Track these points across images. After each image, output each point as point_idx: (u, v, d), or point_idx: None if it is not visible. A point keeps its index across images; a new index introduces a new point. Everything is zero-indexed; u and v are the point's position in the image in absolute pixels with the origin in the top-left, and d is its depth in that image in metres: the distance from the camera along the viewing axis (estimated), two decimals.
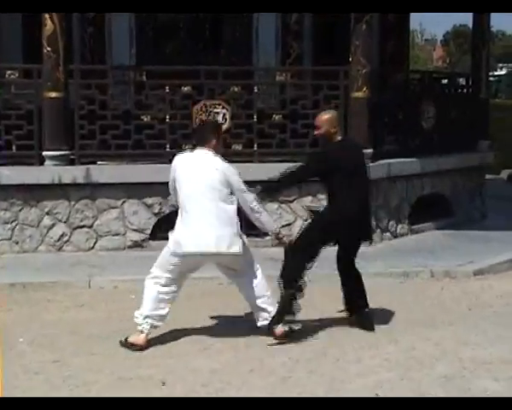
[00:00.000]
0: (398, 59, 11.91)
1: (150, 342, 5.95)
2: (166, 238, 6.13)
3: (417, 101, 10.73)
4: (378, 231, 9.84)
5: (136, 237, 9.20)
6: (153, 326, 5.96)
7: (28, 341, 6.11)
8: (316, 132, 6.39)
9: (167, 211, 9.15)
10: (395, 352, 5.85)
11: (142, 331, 5.92)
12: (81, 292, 7.62)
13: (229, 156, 9.46)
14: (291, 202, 9.50)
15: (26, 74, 9.45)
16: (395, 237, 10.16)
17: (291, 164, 9.49)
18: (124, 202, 9.21)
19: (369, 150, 9.56)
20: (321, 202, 9.43)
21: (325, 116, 6.30)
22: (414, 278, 8.27)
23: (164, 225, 6.37)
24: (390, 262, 8.71)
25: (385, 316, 6.78)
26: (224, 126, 9.42)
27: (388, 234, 10.07)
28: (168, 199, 9.15)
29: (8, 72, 9.28)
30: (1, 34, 10.68)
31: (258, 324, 6.09)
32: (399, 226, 10.28)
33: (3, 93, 9.36)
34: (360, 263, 8.55)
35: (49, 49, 8.98)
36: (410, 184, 10.44)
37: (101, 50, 11.26)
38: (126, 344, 5.88)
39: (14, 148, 9.29)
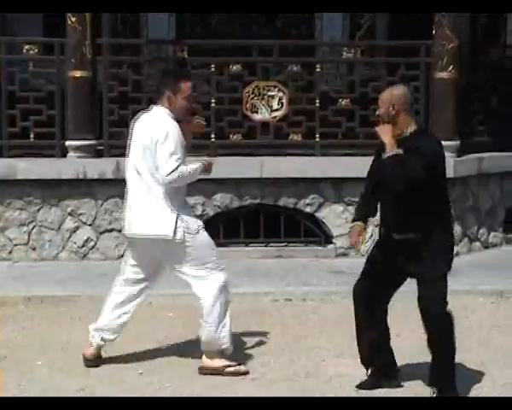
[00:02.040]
0: (493, 31, 11.78)
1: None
2: None
3: None
4: (466, 240, 9.75)
5: None
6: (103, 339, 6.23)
7: (48, 364, 6.20)
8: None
9: (212, 212, 9.22)
10: (491, 388, 5.78)
11: (91, 344, 6.21)
12: None
13: (286, 148, 9.68)
14: None
15: (47, 50, 9.60)
16: (486, 247, 10.06)
17: (360, 158, 9.59)
18: None
19: (456, 142, 9.50)
20: None
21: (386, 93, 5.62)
22: (510, 298, 8.17)
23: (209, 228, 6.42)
24: (480, 278, 8.62)
25: (472, 343, 6.71)
26: (280, 113, 9.47)
27: (478, 244, 9.97)
28: (212, 198, 9.24)
29: (26, 46, 9.45)
30: None
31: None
32: (492, 235, 10.17)
33: (20, 71, 9.52)
34: None
35: (73, 19, 9.12)
36: (505, 183, 10.32)
37: (135, 22, 11.39)
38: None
39: (31, 136, 9.45)
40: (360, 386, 5.72)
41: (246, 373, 5.99)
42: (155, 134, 5.78)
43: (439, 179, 5.44)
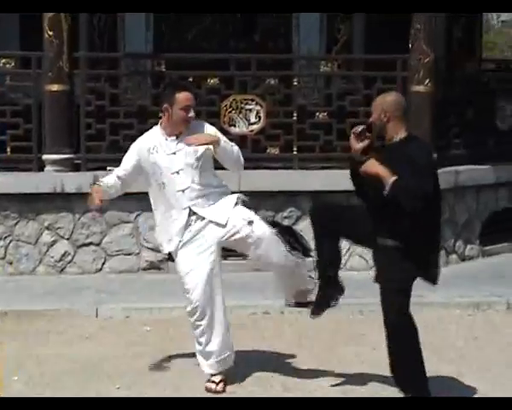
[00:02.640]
0: (469, 46, 11.87)
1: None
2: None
3: (491, 96, 10.66)
4: (442, 252, 9.78)
5: (153, 257, 9.26)
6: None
7: (24, 380, 6.16)
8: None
9: None
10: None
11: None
12: (86, 322, 7.67)
13: (263, 161, 9.68)
14: None
15: (24, 63, 9.58)
16: (463, 259, 10.10)
17: (337, 171, 9.59)
18: (138, 215, 9.27)
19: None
20: None
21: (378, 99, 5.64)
22: (486, 310, 8.21)
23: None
24: (457, 291, 8.64)
25: (449, 355, 6.73)
26: (258, 126, 9.49)
27: (455, 256, 10.01)
28: None
29: (3, 60, 9.39)
30: None
31: None
32: (468, 247, 10.21)
33: None
34: (420, 291, 8.56)
35: (50, 33, 9.09)
36: (481, 196, 10.38)
37: (112, 35, 11.37)
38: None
39: (8, 150, 9.41)
40: (313, 313, 5.83)
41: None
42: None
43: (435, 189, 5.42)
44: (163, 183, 5.95)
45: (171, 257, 6.22)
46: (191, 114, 5.89)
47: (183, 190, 5.91)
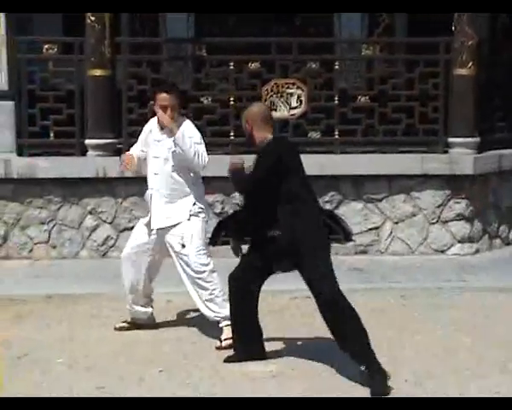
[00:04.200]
0: None
1: None
2: (228, 243, 6.26)
3: None
4: (486, 237, 9.70)
5: None
6: None
7: (68, 363, 6.21)
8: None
9: (231, 211, 9.20)
10: None
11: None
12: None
13: (305, 146, 9.64)
14: (379, 200, 9.44)
15: (67, 49, 9.62)
16: (507, 244, 10.01)
17: (379, 155, 9.54)
18: None
19: (476, 139, 9.46)
20: (416, 200, 9.37)
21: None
22: None
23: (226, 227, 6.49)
24: (500, 275, 8.58)
25: (493, 342, 6.66)
26: (299, 110, 9.45)
27: (499, 241, 9.92)
28: (231, 196, 9.22)
29: (46, 46, 9.46)
30: None
31: None
32: None
33: (40, 71, 9.55)
34: (463, 276, 8.52)
35: (93, 19, 9.14)
36: None
37: (154, 20, 11.39)
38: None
39: (51, 135, 9.48)
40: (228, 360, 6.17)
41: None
42: None
43: (280, 177, 5.83)
44: (148, 160, 6.82)
45: (211, 241, 6.43)
46: (168, 112, 6.56)
47: (155, 174, 6.70)
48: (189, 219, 6.60)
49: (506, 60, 10.27)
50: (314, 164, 9.30)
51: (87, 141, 9.32)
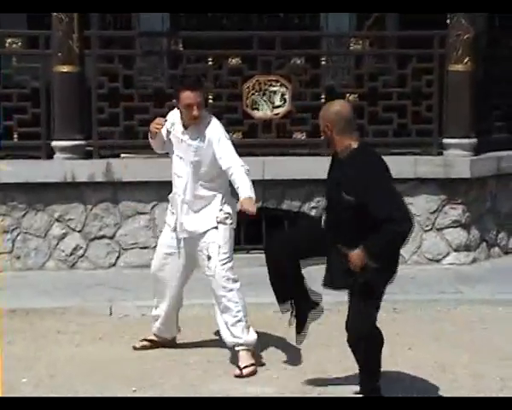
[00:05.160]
0: None
1: None
2: None
3: None
4: (484, 245, 9.74)
5: None
6: None
7: (33, 382, 6.19)
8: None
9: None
10: None
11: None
12: (99, 321, 7.70)
13: (289, 148, 9.66)
14: None
15: (32, 43, 9.59)
16: (506, 253, 10.04)
17: None
18: (154, 205, 9.29)
19: (473, 140, 9.50)
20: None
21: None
22: None
23: None
24: (499, 286, 8.61)
25: (492, 357, 6.69)
26: (283, 109, 9.47)
27: (497, 249, 9.95)
28: None
29: (9, 40, 9.43)
30: None
31: None
32: None
33: (2, 67, 9.52)
34: (459, 287, 8.57)
35: None
36: None
37: (126, 13, 11.37)
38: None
39: (15, 136, 9.45)
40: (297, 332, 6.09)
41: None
42: None
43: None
44: (172, 158, 6.73)
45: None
46: (195, 112, 6.41)
47: (178, 176, 6.62)
48: (216, 228, 6.50)
49: (505, 55, 10.32)
50: (299, 167, 9.36)
51: (54, 143, 9.29)
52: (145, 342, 6.95)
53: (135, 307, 7.85)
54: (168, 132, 6.66)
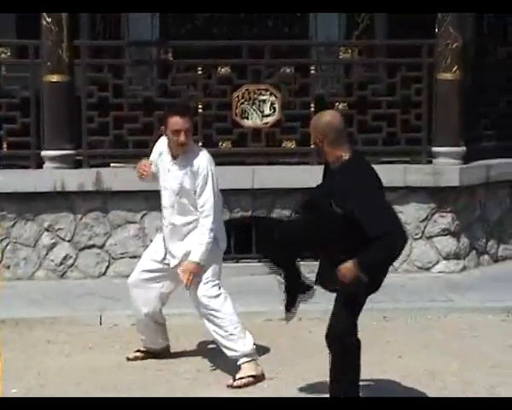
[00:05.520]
0: (500, 29, 11.81)
1: None
2: None
3: None
4: (473, 253, 9.76)
5: None
6: None
7: (23, 392, 6.18)
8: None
9: None
10: None
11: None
12: (89, 331, 7.70)
13: (279, 157, 9.68)
14: None
15: (21, 53, 9.60)
16: (496, 261, 10.06)
17: None
18: (144, 214, 9.29)
19: (462, 148, 9.52)
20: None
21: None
22: None
23: None
24: (489, 294, 8.62)
25: (482, 366, 6.71)
26: (273, 118, 9.48)
27: (487, 257, 9.97)
28: None
29: None
30: None
31: None
32: (502, 247, 10.17)
33: None
34: (449, 295, 8.58)
35: (49, 20, 9.10)
36: None
37: (116, 22, 11.38)
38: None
39: (4, 146, 9.44)
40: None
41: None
42: None
43: None
44: (161, 189, 6.69)
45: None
46: (181, 138, 6.40)
47: (165, 208, 6.63)
48: None
49: (493, 63, 10.36)
50: (289, 176, 9.36)
51: (43, 152, 9.28)
52: (138, 354, 6.94)
53: (125, 316, 7.83)
54: (155, 161, 6.68)
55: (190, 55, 9.70)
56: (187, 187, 6.45)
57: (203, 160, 6.48)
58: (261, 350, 6.99)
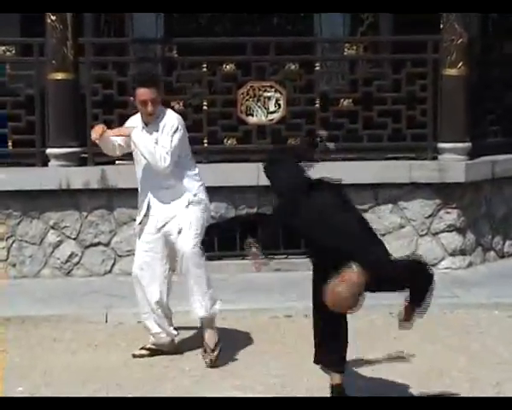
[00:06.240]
0: (506, 24, 11.78)
1: None
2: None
3: None
4: (479, 249, 9.74)
5: None
6: None
7: (29, 391, 6.17)
8: None
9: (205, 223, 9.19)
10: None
11: None
12: (95, 329, 7.70)
13: None
14: (365, 211, 9.46)
15: (26, 51, 9.60)
16: (502, 256, 10.05)
17: (362, 162, 9.54)
18: None
19: (467, 144, 9.50)
20: (403, 211, 9.39)
21: None
22: None
23: (204, 243, 6.61)
24: (495, 290, 8.61)
25: (489, 362, 6.69)
26: (278, 115, 9.47)
27: (492, 253, 9.96)
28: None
29: (3, 48, 9.42)
30: None
31: None
32: (507, 243, 10.15)
33: None
34: (455, 291, 8.56)
35: (53, 18, 9.11)
36: None
37: (120, 20, 11.38)
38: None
39: (9, 144, 9.44)
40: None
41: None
42: None
43: None
44: (137, 160, 6.94)
45: None
46: (149, 108, 6.66)
47: (146, 175, 6.85)
48: (187, 207, 6.72)
49: (499, 59, 10.34)
50: None
51: (48, 150, 9.29)
52: (143, 351, 6.96)
53: (131, 314, 7.82)
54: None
55: (195, 52, 9.69)
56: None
57: (172, 117, 6.77)
58: (266, 347, 6.99)
